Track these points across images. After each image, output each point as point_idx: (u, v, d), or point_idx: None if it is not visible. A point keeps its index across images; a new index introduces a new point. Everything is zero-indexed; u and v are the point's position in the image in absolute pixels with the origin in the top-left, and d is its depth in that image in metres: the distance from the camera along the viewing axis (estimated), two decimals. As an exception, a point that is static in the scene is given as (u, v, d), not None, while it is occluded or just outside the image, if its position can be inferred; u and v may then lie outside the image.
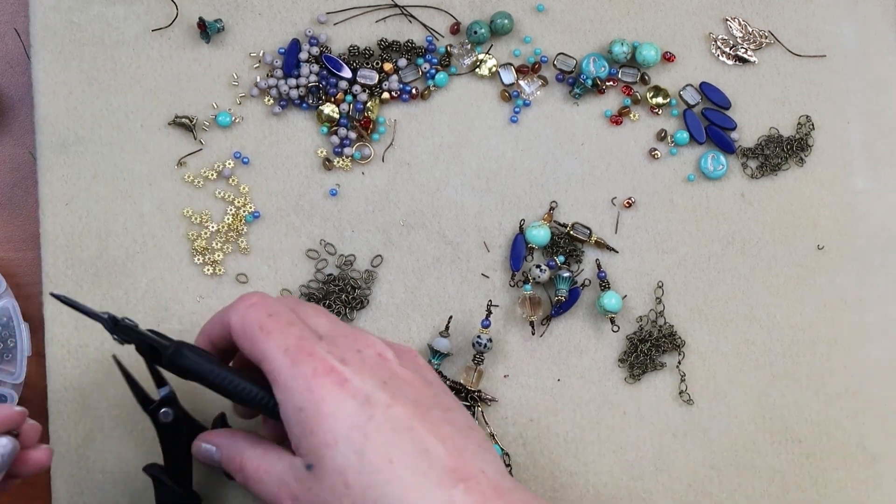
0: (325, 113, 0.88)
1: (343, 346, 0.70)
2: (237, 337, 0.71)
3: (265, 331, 0.69)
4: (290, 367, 0.67)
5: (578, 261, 0.89)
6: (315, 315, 0.73)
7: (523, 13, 0.90)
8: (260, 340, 0.69)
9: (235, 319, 0.71)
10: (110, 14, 0.89)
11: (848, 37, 0.90)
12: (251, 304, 0.71)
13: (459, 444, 0.67)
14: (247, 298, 0.72)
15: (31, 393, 0.88)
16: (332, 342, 0.70)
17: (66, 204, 0.87)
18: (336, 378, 0.67)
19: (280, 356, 0.68)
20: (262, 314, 0.70)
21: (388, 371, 0.69)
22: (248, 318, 0.70)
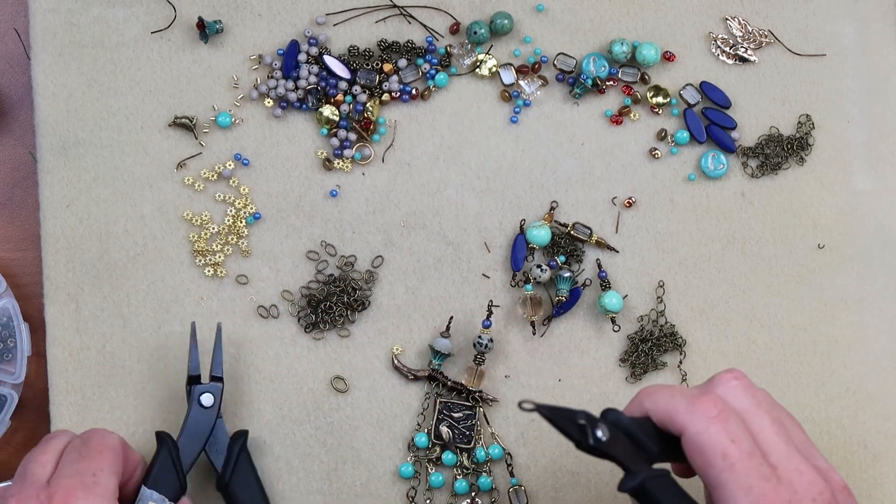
0: (325, 115, 0.88)
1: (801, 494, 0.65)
2: (690, 451, 0.66)
3: (728, 461, 0.65)
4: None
5: (579, 261, 0.89)
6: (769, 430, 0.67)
7: (523, 13, 0.90)
8: (719, 469, 0.65)
9: (692, 433, 0.66)
10: (110, 16, 0.89)
11: (848, 36, 0.90)
12: (712, 420, 0.66)
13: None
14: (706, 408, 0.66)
15: (31, 393, 0.88)
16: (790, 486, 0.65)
17: (66, 206, 0.87)
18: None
19: (741, 496, 0.64)
20: (725, 438, 0.65)
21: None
22: (709, 438, 0.65)
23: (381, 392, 0.88)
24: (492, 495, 0.87)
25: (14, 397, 0.86)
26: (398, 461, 0.87)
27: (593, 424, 0.65)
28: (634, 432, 0.67)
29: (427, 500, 0.87)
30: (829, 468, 0.68)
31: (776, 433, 0.67)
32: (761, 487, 0.64)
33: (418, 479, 0.87)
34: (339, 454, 0.87)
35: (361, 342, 0.88)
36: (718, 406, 0.66)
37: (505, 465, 0.87)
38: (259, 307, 0.87)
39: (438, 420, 0.87)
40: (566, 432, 0.64)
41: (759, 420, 0.68)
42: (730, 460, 0.65)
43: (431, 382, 0.88)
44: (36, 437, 0.88)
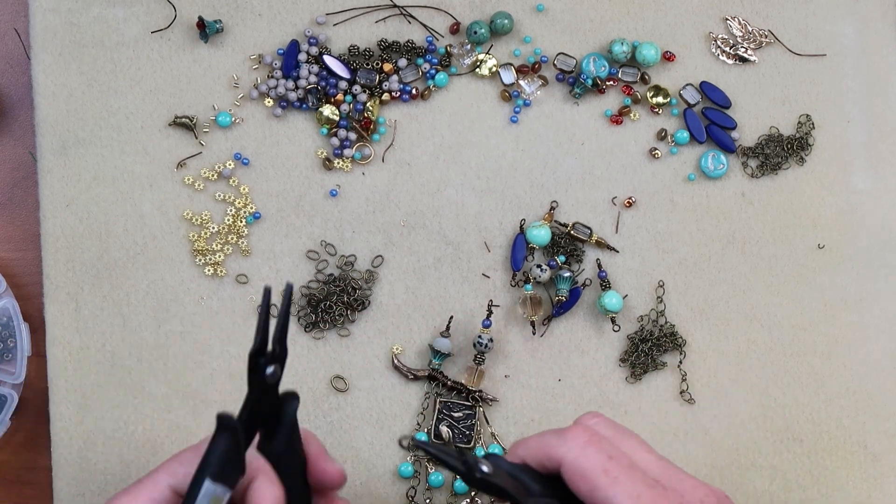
0: (325, 115, 0.88)
1: (687, 497, 0.66)
2: (571, 479, 0.66)
3: (610, 476, 0.65)
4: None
5: (579, 260, 0.89)
6: (641, 450, 0.68)
7: (523, 13, 0.90)
8: (604, 486, 0.65)
9: (570, 460, 0.66)
10: (110, 16, 0.89)
11: (848, 36, 0.90)
12: (586, 444, 0.66)
13: None
14: (576, 436, 0.67)
15: (31, 393, 0.88)
16: (675, 491, 0.66)
17: (66, 206, 0.87)
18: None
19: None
20: (603, 457, 0.65)
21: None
22: (587, 460, 0.66)
23: (381, 392, 0.88)
24: None
25: (14, 397, 0.86)
26: (398, 461, 0.87)
27: (476, 461, 0.66)
28: (516, 474, 0.68)
29: (427, 499, 0.87)
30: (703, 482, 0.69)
31: (648, 451, 0.68)
32: (649, 494, 0.64)
33: (418, 478, 0.87)
34: (339, 454, 0.87)
35: (361, 342, 0.88)
36: (588, 432, 0.67)
37: None
38: (259, 306, 0.87)
39: (438, 420, 0.87)
40: (452, 467, 0.65)
41: (628, 443, 0.68)
42: (612, 475, 0.65)
43: (431, 382, 0.88)
44: (36, 437, 0.88)
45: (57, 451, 0.86)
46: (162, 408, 0.87)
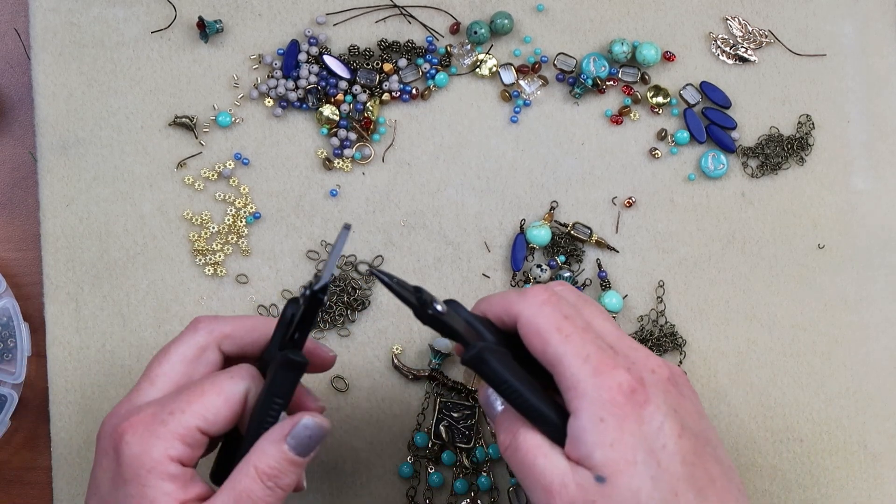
0: (325, 115, 0.88)
1: (639, 364, 0.67)
2: (526, 334, 0.68)
3: (563, 334, 0.66)
4: (592, 376, 0.65)
5: (579, 260, 0.89)
6: (599, 318, 0.70)
7: (523, 13, 0.90)
8: (556, 343, 0.66)
9: (527, 315, 0.68)
10: (110, 16, 0.89)
11: (848, 36, 0.90)
12: (544, 302, 0.68)
13: (725, 487, 0.66)
14: (536, 293, 0.69)
15: (31, 393, 0.88)
16: (626, 357, 0.67)
17: (66, 206, 0.87)
18: (639, 398, 0.65)
19: (580, 364, 0.65)
20: (558, 315, 0.67)
21: (676, 398, 0.67)
22: (543, 317, 0.67)
23: (381, 392, 0.88)
24: (491, 495, 0.87)
25: (14, 397, 0.86)
26: (398, 461, 0.87)
27: (432, 299, 0.67)
28: (472, 322, 0.69)
29: (427, 499, 0.87)
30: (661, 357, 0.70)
31: (606, 320, 0.70)
32: (599, 356, 0.65)
33: (418, 478, 0.87)
34: (340, 454, 0.87)
35: (361, 342, 0.88)
36: (548, 292, 0.69)
37: (505, 465, 0.87)
38: (259, 306, 0.87)
39: (438, 419, 0.87)
40: (406, 300, 0.67)
41: (588, 309, 0.70)
42: (565, 332, 0.66)
43: (431, 382, 0.88)
44: (36, 438, 0.88)
45: (57, 451, 0.86)
46: (162, 408, 0.87)
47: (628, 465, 0.64)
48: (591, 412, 0.65)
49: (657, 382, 0.66)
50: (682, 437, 0.65)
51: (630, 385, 0.65)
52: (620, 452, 0.64)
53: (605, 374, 0.65)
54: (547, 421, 0.67)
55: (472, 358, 0.67)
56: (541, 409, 0.67)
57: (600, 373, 0.65)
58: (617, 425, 0.64)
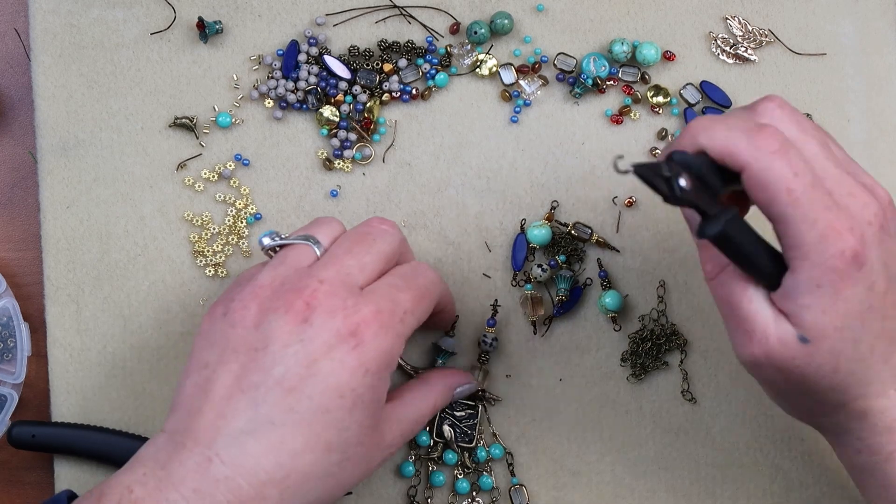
0: (325, 115, 0.88)
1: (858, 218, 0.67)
2: (753, 187, 0.66)
3: (792, 195, 0.65)
4: (817, 241, 0.65)
5: (580, 260, 0.89)
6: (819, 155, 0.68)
7: (523, 13, 0.90)
8: (783, 204, 0.66)
9: (756, 169, 0.66)
10: (109, 17, 0.89)
11: (848, 35, 0.90)
12: (774, 154, 0.66)
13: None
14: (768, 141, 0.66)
15: (31, 393, 0.88)
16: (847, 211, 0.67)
17: (66, 207, 0.87)
18: (857, 263, 0.66)
19: (807, 229, 0.65)
20: (788, 172, 0.65)
21: (886, 248, 0.68)
22: (776, 173, 0.65)
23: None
24: (492, 494, 0.87)
25: (14, 397, 0.86)
26: (398, 460, 0.87)
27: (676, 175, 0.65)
28: (701, 171, 0.67)
29: (427, 498, 0.87)
30: (873, 184, 0.70)
31: (826, 158, 0.69)
32: (825, 219, 0.65)
33: (419, 477, 0.87)
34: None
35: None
36: (779, 140, 0.67)
37: (506, 465, 0.87)
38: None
39: (440, 419, 0.87)
40: (657, 189, 0.64)
41: (809, 147, 0.69)
42: (794, 195, 0.65)
43: (435, 382, 0.88)
44: (37, 438, 0.88)
45: (58, 453, 0.86)
46: (163, 409, 0.87)
47: (835, 331, 0.67)
48: (811, 276, 0.66)
49: (874, 236, 0.67)
50: (887, 293, 0.68)
51: (853, 251, 0.66)
52: (830, 319, 0.66)
53: (829, 240, 0.66)
54: (763, 272, 0.68)
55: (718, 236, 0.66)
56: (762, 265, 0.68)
57: (825, 238, 0.66)
58: (833, 292, 0.66)
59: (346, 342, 0.70)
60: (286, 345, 0.70)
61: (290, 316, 0.70)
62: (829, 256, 0.65)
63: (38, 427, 0.84)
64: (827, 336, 0.67)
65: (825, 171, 0.68)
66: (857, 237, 0.66)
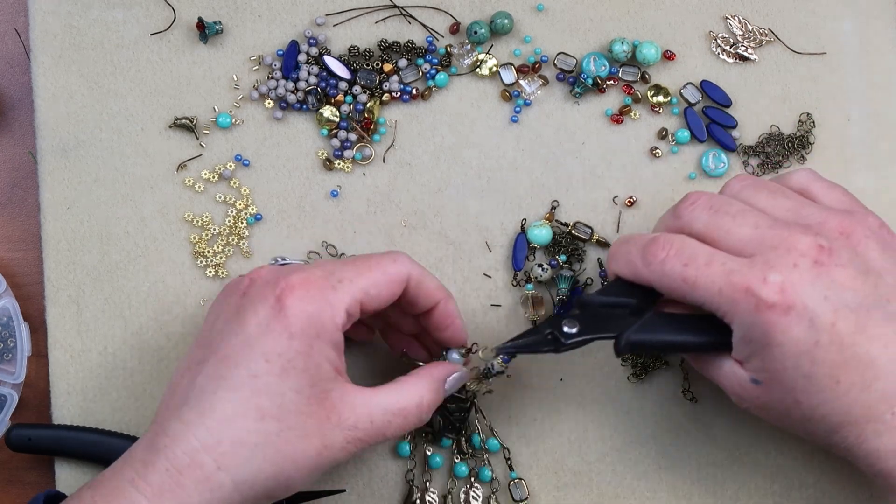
0: (325, 116, 0.88)
1: (774, 261, 0.70)
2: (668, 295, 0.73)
3: (689, 282, 0.71)
4: (731, 306, 0.69)
5: (580, 260, 0.89)
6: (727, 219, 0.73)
7: (523, 13, 0.90)
8: (687, 293, 0.71)
9: (656, 279, 0.73)
10: (109, 18, 0.89)
11: (848, 34, 0.90)
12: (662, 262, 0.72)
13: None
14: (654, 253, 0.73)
15: (31, 393, 0.88)
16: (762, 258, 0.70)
17: (67, 208, 0.87)
18: (780, 309, 0.68)
19: (719, 301, 0.70)
20: (678, 267, 0.71)
21: (827, 279, 0.69)
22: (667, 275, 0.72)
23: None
24: (492, 486, 0.87)
25: (14, 397, 0.86)
26: (399, 460, 0.87)
27: (557, 327, 0.73)
28: (608, 301, 0.75)
29: (426, 482, 0.86)
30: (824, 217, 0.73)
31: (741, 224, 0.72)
32: (730, 284, 0.69)
33: (414, 460, 0.87)
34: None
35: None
36: (666, 247, 0.73)
37: (504, 459, 0.87)
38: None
39: None
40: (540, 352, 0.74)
41: (721, 223, 0.73)
42: (690, 281, 0.71)
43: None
44: (38, 439, 0.88)
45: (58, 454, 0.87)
46: (164, 410, 0.87)
47: (780, 372, 0.69)
48: (741, 335, 0.70)
49: (804, 274, 0.69)
50: (836, 324, 0.68)
51: (769, 301, 0.68)
52: (770, 363, 0.70)
53: (740, 302, 0.69)
54: (700, 347, 0.74)
55: (623, 350, 0.74)
56: (691, 345, 0.74)
57: (735, 301, 0.69)
58: (765, 343, 0.69)
59: (272, 308, 0.71)
60: (227, 321, 0.73)
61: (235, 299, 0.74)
62: (747, 314, 0.69)
63: (36, 430, 0.84)
64: (773, 377, 0.70)
65: (737, 238, 0.72)
66: (772, 286, 0.68)
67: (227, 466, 0.69)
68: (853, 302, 0.69)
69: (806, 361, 0.68)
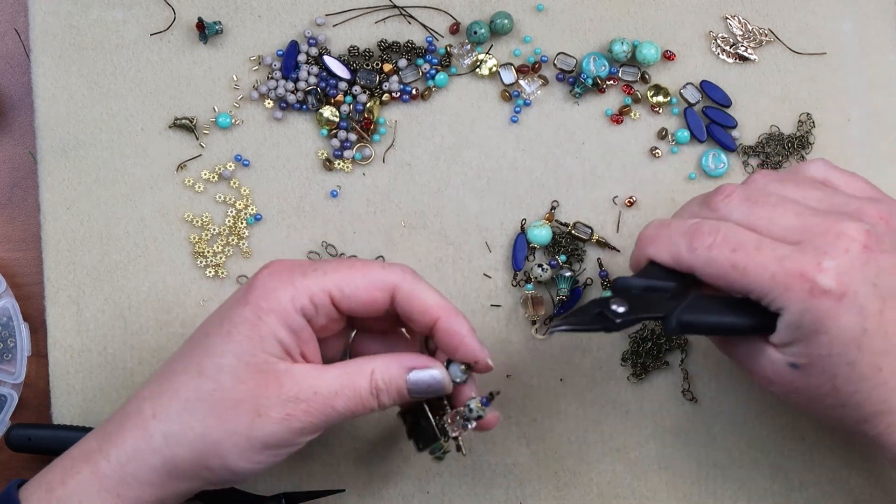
0: (325, 116, 0.88)
1: (826, 247, 0.69)
2: (706, 280, 0.72)
3: (738, 269, 0.70)
4: (784, 293, 0.68)
5: (580, 260, 0.89)
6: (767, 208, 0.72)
7: (523, 13, 0.90)
8: (737, 281, 0.70)
9: (700, 266, 0.71)
10: (109, 18, 0.89)
11: (848, 34, 0.90)
12: (710, 247, 0.71)
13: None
14: (702, 238, 0.71)
15: (31, 393, 0.88)
16: (811, 244, 0.69)
17: (67, 208, 0.87)
18: (834, 296, 0.67)
19: (771, 287, 0.69)
20: (726, 252, 0.70)
21: (875, 266, 0.69)
22: (715, 262, 0.71)
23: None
24: None
25: (14, 397, 0.86)
26: (399, 461, 0.87)
27: (606, 306, 0.71)
28: (648, 285, 0.73)
29: None
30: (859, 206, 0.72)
31: (783, 213, 0.71)
32: (783, 270, 0.68)
33: None
34: (341, 455, 0.87)
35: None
36: (712, 233, 0.71)
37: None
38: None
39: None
40: (592, 330, 0.71)
41: (761, 213, 0.72)
42: (739, 268, 0.70)
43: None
44: (38, 439, 0.88)
45: (59, 454, 0.87)
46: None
47: (822, 358, 0.69)
48: (790, 321, 0.69)
49: (854, 261, 0.69)
50: (884, 311, 0.68)
51: (823, 288, 0.68)
52: (815, 349, 0.69)
53: (794, 288, 0.68)
54: (745, 330, 0.72)
55: (675, 330, 0.72)
56: (738, 328, 0.72)
57: (789, 287, 0.68)
58: (814, 329, 0.68)
59: (247, 283, 0.74)
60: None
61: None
62: (800, 300, 0.68)
63: (35, 430, 0.84)
64: (814, 363, 0.69)
65: (781, 226, 0.71)
66: (828, 273, 0.68)
67: (161, 416, 0.71)
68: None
69: (853, 349, 0.68)
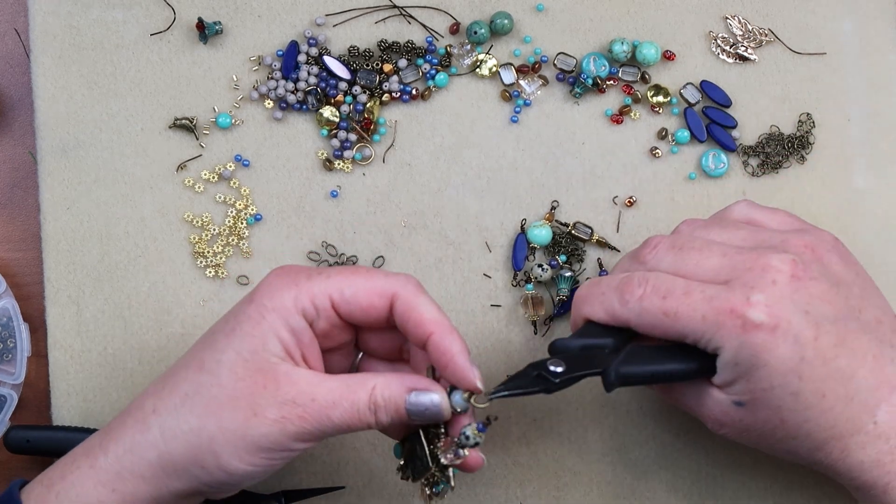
0: (325, 116, 0.88)
1: (753, 282, 0.69)
2: (647, 331, 0.72)
3: (670, 314, 0.70)
4: (717, 331, 0.69)
5: (580, 260, 0.89)
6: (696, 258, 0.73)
7: (523, 13, 0.90)
8: (669, 326, 0.71)
9: (634, 319, 0.72)
10: (109, 18, 0.89)
11: (848, 34, 0.90)
12: (640, 298, 0.71)
13: (877, 354, 0.71)
14: (632, 290, 0.72)
15: (31, 393, 0.88)
16: (739, 282, 0.70)
17: (67, 208, 0.87)
18: (765, 330, 0.68)
19: (702, 328, 0.69)
20: (656, 300, 0.71)
21: (805, 294, 0.70)
22: (647, 311, 0.71)
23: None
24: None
25: (14, 397, 0.86)
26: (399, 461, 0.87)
27: (544, 368, 0.70)
28: (586, 343, 0.73)
29: None
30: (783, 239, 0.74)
31: (710, 255, 0.72)
32: (712, 309, 0.69)
33: None
34: (342, 454, 0.87)
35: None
36: (642, 283, 0.72)
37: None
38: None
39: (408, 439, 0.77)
40: (531, 393, 0.70)
41: (689, 258, 0.73)
42: (671, 313, 0.70)
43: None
44: (38, 439, 0.88)
45: (59, 454, 0.87)
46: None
47: (765, 392, 0.69)
48: (727, 359, 0.69)
49: (782, 291, 0.69)
50: (819, 338, 0.69)
51: (752, 323, 0.68)
52: (756, 384, 0.69)
53: (726, 325, 0.68)
54: (685, 375, 0.73)
55: (614, 384, 0.71)
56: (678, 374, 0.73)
57: (721, 325, 0.69)
58: (752, 365, 0.69)
59: (257, 285, 0.73)
60: None
61: None
62: (734, 336, 0.68)
63: (34, 431, 0.84)
64: (758, 398, 0.70)
65: (708, 268, 0.72)
66: (757, 306, 0.68)
67: (160, 410, 0.71)
68: (830, 315, 0.70)
69: (793, 379, 0.69)
